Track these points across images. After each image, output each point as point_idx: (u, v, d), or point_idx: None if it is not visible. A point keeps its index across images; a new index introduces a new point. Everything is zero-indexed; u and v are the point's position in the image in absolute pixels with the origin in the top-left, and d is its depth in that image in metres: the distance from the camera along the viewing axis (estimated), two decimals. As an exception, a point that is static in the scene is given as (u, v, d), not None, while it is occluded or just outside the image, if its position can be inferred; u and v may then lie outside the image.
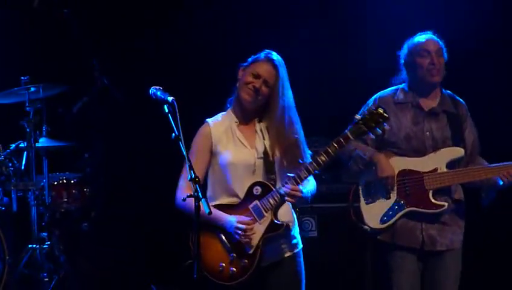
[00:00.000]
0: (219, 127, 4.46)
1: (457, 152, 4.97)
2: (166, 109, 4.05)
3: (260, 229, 4.30)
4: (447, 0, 6.57)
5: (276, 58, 4.41)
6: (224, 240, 4.32)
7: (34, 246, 6.04)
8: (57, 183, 6.24)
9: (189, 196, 3.93)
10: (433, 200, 4.92)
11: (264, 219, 4.31)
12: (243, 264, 4.29)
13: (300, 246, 4.49)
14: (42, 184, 6.09)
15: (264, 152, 4.40)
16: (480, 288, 6.31)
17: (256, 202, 4.32)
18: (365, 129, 4.28)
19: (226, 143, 4.42)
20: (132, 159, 6.88)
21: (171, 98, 4.06)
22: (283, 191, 4.27)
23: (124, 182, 6.87)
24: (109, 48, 6.74)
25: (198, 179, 3.91)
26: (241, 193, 4.36)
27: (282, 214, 4.36)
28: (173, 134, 3.97)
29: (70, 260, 6.16)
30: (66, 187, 6.26)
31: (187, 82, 6.66)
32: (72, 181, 6.29)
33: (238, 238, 4.27)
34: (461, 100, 5.13)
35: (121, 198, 6.85)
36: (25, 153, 6.09)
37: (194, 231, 4.22)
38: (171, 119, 4.01)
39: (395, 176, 4.95)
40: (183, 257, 4.36)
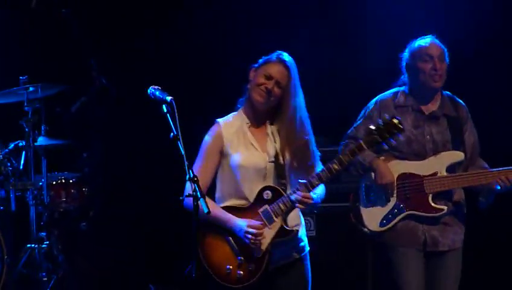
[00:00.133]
0: (230, 128, 4.43)
1: (457, 156, 4.96)
2: (164, 108, 4.03)
3: (269, 234, 4.28)
4: (447, 0, 6.56)
5: (288, 59, 4.39)
6: (233, 242, 4.30)
7: (32, 245, 6.03)
8: (55, 183, 6.23)
9: (188, 195, 3.92)
10: (432, 203, 4.91)
11: (274, 224, 4.29)
12: (250, 268, 4.27)
13: (307, 248, 4.47)
14: (41, 184, 6.09)
15: (275, 156, 4.38)
16: (480, 288, 6.30)
17: (266, 206, 4.30)
18: (379, 140, 4.30)
19: (237, 145, 4.39)
20: (131, 159, 6.88)
21: (169, 98, 4.05)
22: (294, 198, 4.26)
23: (122, 182, 6.87)
24: (108, 48, 6.74)
25: (196, 179, 3.90)
26: (251, 196, 4.34)
27: (290, 217, 4.35)
28: (171, 134, 3.96)
29: (68, 259, 6.16)
30: (65, 187, 6.25)
31: (186, 82, 6.66)
32: (70, 181, 6.28)
33: (248, 242, 4.25)
34: (461, 102, 5.11)
35: (120, 198, 6.85)
36: (24, 152, 6.09)
37: (198, 231, 4.22)
38: (170, 119, 4.00)
39: (395, 181, 4.94)
40: (182, 257, 4.33)
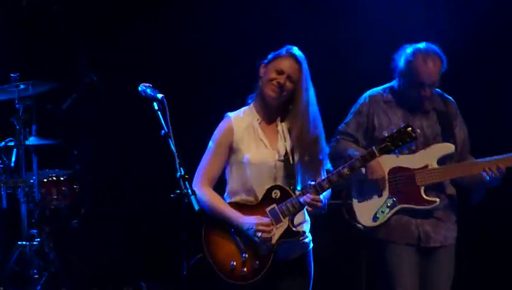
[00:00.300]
0: (241, 123, 4.40)
1: (448, 148, 4.98)
2: (155, 106, 4.04)
3: (276, 234, 4.28)
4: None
5: (298, 53, 4.38)
6: (238, 239, 4.29)
7: (24, 243, 6.02)
8: (46, 181, 6.22)
9: (179, 192, 3.90)
10: (424, 196, 4.93)
11: (281, 223, 4.28)
12: (255, 266, 4.26)
13: (311, 245, 4.47)
14: (32, 181, 6.08)
15: (285, 154, 4.37)
16: (473, 283, 6.32)
17: (274, 205, 4.30)
18: (392, 147, 4.33)
19: (247, 141, 4.37)
20: (122, 156, 6.87)
21: (160, 95, 4.05)
22: (303, 200, 4.26)
23: (113, 179, 6.86)
24: (98, 45, 6.73)
25: (187, 176, 3.90)
26: (259, 194, 4.33)
27: (297, 216, 4.34)
28: (163, 131, 3.97)
29: (60, 256, 6.16)
30: (56, 184, 6.24)
31: (177, 79, 6.65)
32: (61, 178, 6.27)
33: (256, 240, 4.24)
34: (451, 98, 5.13)
35: (111, 195, 6.84)
36: (15, 150, 6.08)
37: (205, 228, 4.31)
38: (161, 116, 4.00)
39: (386, 176, 4.96)
40: (173, 254, 4.35)
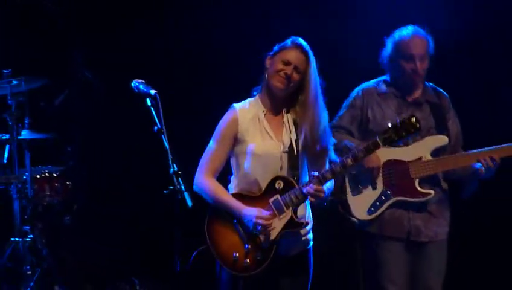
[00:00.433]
0: (246, 114, 4.40)
1: (442, 140, 5.00)
2: (148, 102, 4.04)
3: (278, 225, 4.28)
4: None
5: (303, 43, 4.38)
6: (241, 230, 4.29)
7: (16, 239, 6.00)
8: (39, 177, 6.21)
9: (172, 189, 3.90)
10: (419, 188, 4.95)
11: (284, 214, 4.28)
12: (257, 258, 4.27)
13: (312, 243, 4.46)
14: (25, 177, 6.07)
15: (290, 146, 4.37)
16: (466, 278, 6.33)
17: (277, 196, 4.30)
18: (395, 138, 4.31)
19: (253, 132, 4.37)
20: (115, 153, 6.86)
21: (153, 92, 4.05)
22: (306, 191, 4.26)
23: (107, 176, 6.86)
24: (92, 41, 6.72)
25: (180, 173, 3.90)
26: (263, 185, 4.33)
27: (300, 210, 4.34)
28: (155, 127, 3.97)
29: (52, 253, 6.16)
30: (49, 180, 6.23)
31: (174, 76, 6.64)
32: (54, 174, 6.26)
33: (256, 232, 4.25)
34: (444, 92, 5.16)
35: (103, 191, 6.84)
36: (7, 146, 6.07)
37: (208, 218, 4.32)
38: (154, 113, 4.00)
39: (381, 167, 4.97)
40: (165, 250, 4.34)
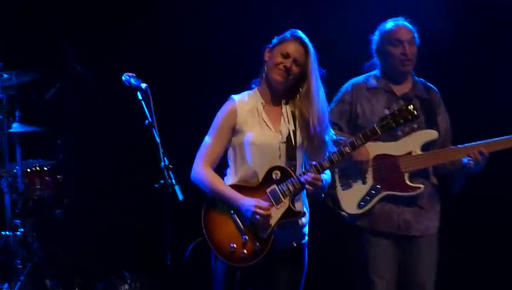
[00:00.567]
0: (245, 105, 4.40)
1: (431, 134, 5.02)
2: (139, 95, 4.04)
3: (276, 214, 4.27)
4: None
5: (303, 36, 4.38)
6: (238, 221, 4.29)
7: (7, 233, 6.00)
8: (30, 171, 6.20)
9: (163, 183, 3.90)
10: (409, 183, 4.96)
11: (281, 204, 4.28)
12: (255, 248, 4.26)
13: (307, 237, 4.46)
14: (15, 171, 6.06)
15: (288, 137, 4.37)
16: (455, 273, 6.35)
17: (274, 186, 4.29)
18: (393, 125, 4.34)
19: (251, 123, 4.37)
20: (106, 147, 6.84)
21: (144, 85, 4.05)
22: (303, 179, 4.26)
23: (97, 170, 6.85)
24: (84, 35, 6.70)
25: (171, 167, 3.91)
26: (261, 176, 4.33)
27: (297, 201, 4.35)
28: (146, 121, 3.97)
29: (43, 247, 6.15)
30: (39, 174, 6.21)
31: (161, 68, 6.63)
32: (45, 168, 6.24)
33: (255, 222, 4.24)
34: (434, 87, 5.17)
35: (95, 185, 6.83)
36: (-2, 139, 6.07)
37: (205, 209, 4.32)
38: (145, 106, 4.00)
39: (370, 161, 4.98)
40: (157, 244, 4.34)
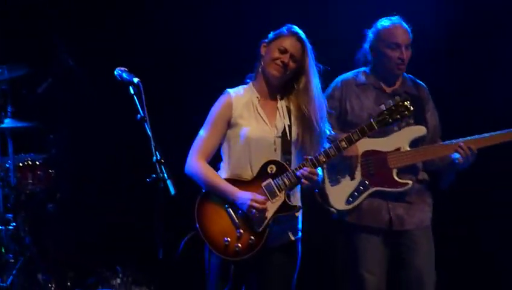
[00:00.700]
0: (240, 99, 4.41)
1: (420, 131, 5.03)
2: (131, 90, 4.04)
3: (271, 208, 4.28)
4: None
5: (299, 31, 4.40)
6: (233, 215, 4.29)
7: (-1, 227, 6.03)
8: (22, 165, 6.20)
9: (154, 177, 3.90)
10: (397, 179, 4.97)
11: (277, 198, 4.29)
12: (250, 242, 4.26)
13: (300, 233, 4.47)
14: (7, 165, 6.07)
15: (283, 131, 4.38)
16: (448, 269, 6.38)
17: (270, 180, 4.30)
18: (390, 120, 4.39)
19: (247, 117, 4.38)
20: (99, 141, 6.84)
21: (136, 80, 4.05)
22: (299, 173, 4.27)
23: (90, 164, 6.85)
24: (77, 29, 6.70)
25: (163, 161, 3.91)
26: (255, 170, 4.33)
27: (292, 196, 4.37)
28: (138, 115, 3.97)
29: (35, 241, 6.16)
30: (31, 168, 6.22)
31: (154, 63, 6.64)
32: (37, 162, 6.25)
33: (251, 216, 4.24)
34: (422, 84, 5.18)
35: (87, 180, 6.84)
36: (-10, 134, 6.08)
37: (199, 202, 4.32)
38: (137, 101, 4.00)
39: (359, 156, 5.00)
40: (149, 239, 4.35)
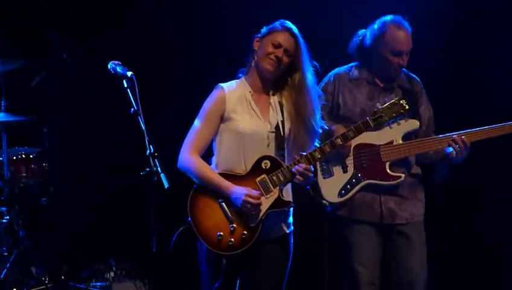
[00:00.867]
0: (233, 93, 4.40)
1: (413, 124, 5.02)
2: (125, 83, 4.04)
3: (265, 203, 4.28)
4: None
5: (292, 26, 4.40)
6: (226, 209, 4.28)
7: (-7, 221, 6.03)
8: (15, 158, 6.20)
9: (148, 170, 3.91)
10: (389, 172, 4.97)
11: (271, 194, 4.29)
12: (243, 237, 4.26)
13: (292, 227, 4.47)
14: (1, 159, 6.07)
15: (276, 126, 4.39)
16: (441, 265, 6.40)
17: (264, 176, 4.30)
18: (386, 118, 4.42)
19: (240, 112, 4.37)
20: (92, 134, 6.84)
21: (130, 73, 4.05)
22: (295, 170, 4.27)
23: (84, 157, 6.85)
24: (70, 22, 6.69)
25: (157, 154, 3.91)
26: (249, 164, 4.33)
27: (285, 191, 4.36)
28: (132, 109, 3.98)
29: (29, 234, 6.16)
30: (25, 162, 6.22)
31: (147, 56, 6.63)
32: (30, 156, 6.24)
33: (245, 211, 4.24)
34: (416, 77, 5.18)
35: (81, 173, 6.83)
36: (-17, 127, 6.07)
37: (191, 197, 4.31)
38: (130, 94, 4.00)
39: (351, 149, 4.99)
40: (143, 232, 4.36)
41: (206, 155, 4.47)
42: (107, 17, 6.82)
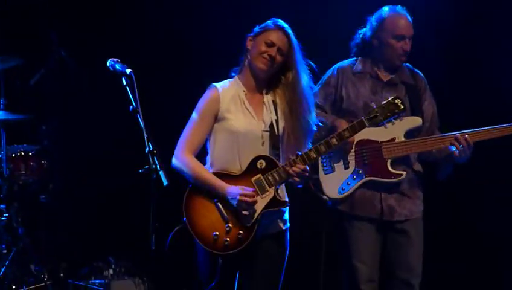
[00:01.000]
0: (227, 93, 4.39)
1: (416, 121, 5.02)
2: (124, 81, 4.03)
3: (261, 203, 4.28)
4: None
5: (285, 25, 4.40)
6: (222, 209, 4.27)
7: (-8, 218, 6.03)
8: (14, 156, 6.20)
9: (147, 168, 3.91)
10: (391, 169, 4.96)
11: (267, 193, 4.29)
12: (239, 236, 4.25)
13: (288, 224, 4.47)
14: (0, 156, 6.07)
15: (270, 125, 4.38)
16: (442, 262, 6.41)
17: (259, 175, 4.29)
18: (381, 118, 4.41)
19: (234, 111, 4.37)
20: (91, 132, 6.84)
21: (129, 71, 4.04)
22: (292, 170, 4.26)
23: (82, 155, 6.84)
24: (69, 20, 6.69)
25: (156, 152, 3.91)
26: (244, 164, 4.32)
27: (280, 190, 4.36)
28: (131, 106, 3.97)
29: (28, 232, 6.16)
30: (24, 159, 6.22)
31: (146, 54, 6.64)
32: (30, 153, 6.25)
33: (240, 210, 4.24)
34: (420, 73, 5.18)
35: (80, 170, 6.83)
36: (-18, 125, 6.07)
37: (187, 197, 4.30)
38: (129, 92, 4.00)
39: (353, 145, 4.99)
40: (142, 230, 4.36)
41: (201, 154, 4.47)
42: (106, 17, 6.82)
